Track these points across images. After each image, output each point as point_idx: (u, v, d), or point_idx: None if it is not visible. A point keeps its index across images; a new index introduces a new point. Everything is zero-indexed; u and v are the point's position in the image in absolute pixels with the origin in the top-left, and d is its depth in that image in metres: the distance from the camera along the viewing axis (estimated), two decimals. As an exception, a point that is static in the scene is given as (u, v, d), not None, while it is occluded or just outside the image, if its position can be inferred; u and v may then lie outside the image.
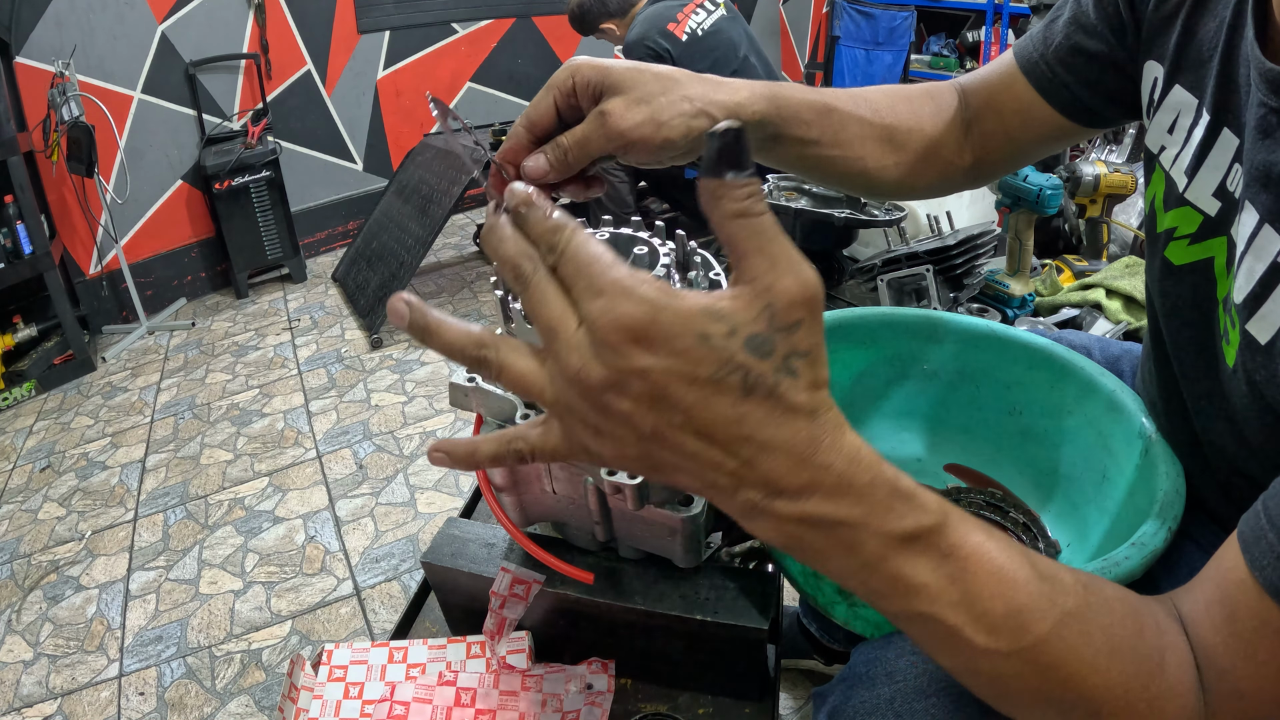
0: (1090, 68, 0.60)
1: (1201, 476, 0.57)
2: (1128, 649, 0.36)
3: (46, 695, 1.37)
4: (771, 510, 0.33)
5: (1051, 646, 0.35)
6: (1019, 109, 0.64)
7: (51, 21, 2.53)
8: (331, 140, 3.30)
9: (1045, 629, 0.35)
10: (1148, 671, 0.36)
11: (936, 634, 0.36)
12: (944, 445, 0.77)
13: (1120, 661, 0.36)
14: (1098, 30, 0.59)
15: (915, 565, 0.34)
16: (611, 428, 0.32)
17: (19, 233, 2.32)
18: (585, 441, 0.34)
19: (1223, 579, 0.38)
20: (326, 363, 2.46)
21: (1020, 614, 0.35)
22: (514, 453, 0.37)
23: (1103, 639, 0.36)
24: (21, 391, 2.43)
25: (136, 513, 1.85)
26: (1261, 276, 0.42)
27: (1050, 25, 0.62)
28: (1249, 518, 0.37)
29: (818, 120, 0.60)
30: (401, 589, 1.54)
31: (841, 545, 0.34)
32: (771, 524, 0.34)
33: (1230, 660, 0.36)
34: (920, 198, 0.75)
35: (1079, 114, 0.62)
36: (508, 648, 0.66)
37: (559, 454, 0.36)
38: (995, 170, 0.70)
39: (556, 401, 0.34)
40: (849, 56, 3.39)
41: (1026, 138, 0.65)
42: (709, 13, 2.26)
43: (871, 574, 0.35)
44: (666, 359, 0.30)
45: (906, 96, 0.67)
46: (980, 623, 0.35)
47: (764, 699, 0.64)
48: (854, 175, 0.64)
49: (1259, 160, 0.43)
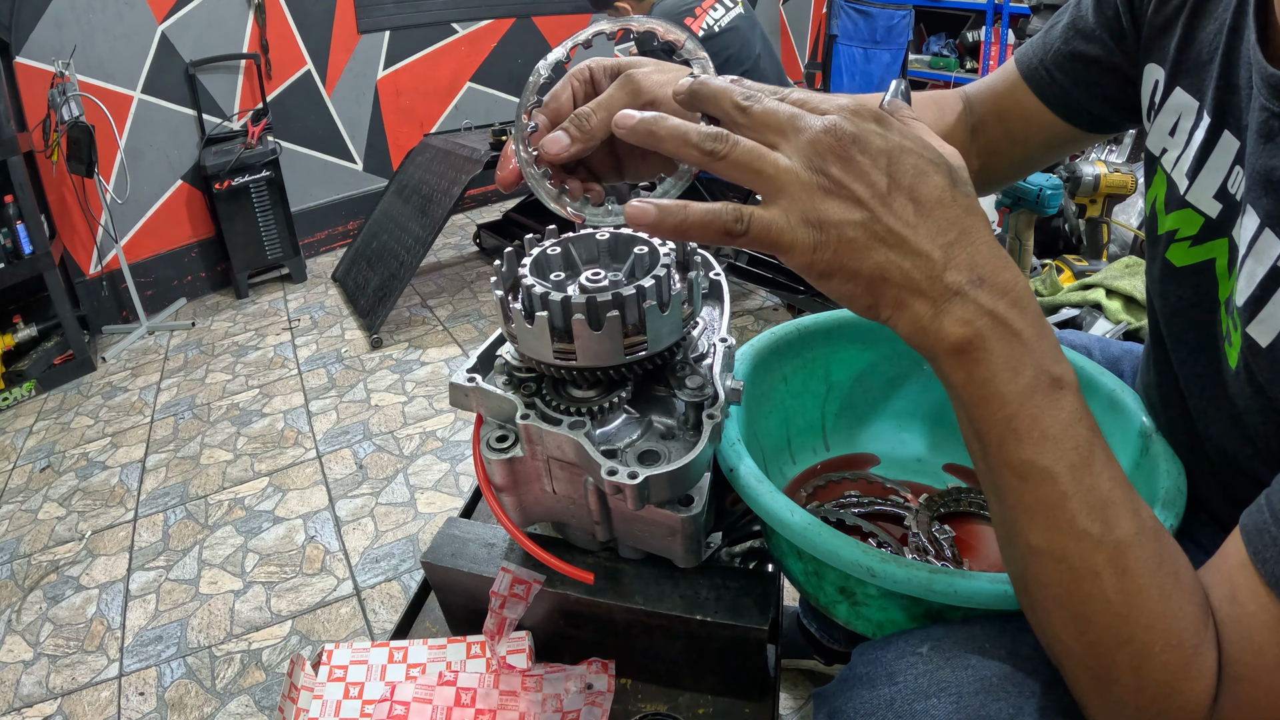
0: (1089, 72, 0.60)
1: (1202, 476, 0.57)
2: (1188, 587, 0.37)
3: (46, 695, 1.37)
4: (974, 298, 0.36)
5: (1134, 551, 0.36)
6: (1021, 114, 0.64)
7: (51, 21, 2.53)
8: (331, 140, 3.30)
9: (1130, 533, 0.37)
10: (1199, 619, 0.37)
11: (1043, 500, 0.37)
12: (944, 445, 0.77)
13: (1179, 596, 0.37)
14: (1096, 35, 0.59)
15: (1056, 412, 0.37)
16: (849, 181, 0.36)
17: (19, 233, 2.32)
18: (812, 205, 0.37)
19: (1225, 568, 0.38)
20: (326, 363, 2.46)
21: (1115, 506, 0.37)
22: (729, 218, 0.38)
23: (1170, 569, 0.37)
24: (21, 391, 2.43)
25: (136, 513, 1.85)
26: (1262, 280, 0.42)
27: (1050, 31, 0.63)
28: (1252, 511, 0.38)
29: None
30: (401, 589, 1.54)
31: (1010, 362, 0.37)
32: (970, 311, 0.36)
33: (1228, 648, 0.37)
34: None
35: (1080, 119, 0.62)
36: (508, 648, 0.66)
37: (774, 226, 0.37)
38: (1003, 177, 0.70)
39: (789, 167, 0.37)
40: (847, 55, 3.38)
41: (1030, 144, 0.66)
42: (728, 10, 2.25)
43: (1022, 405, 0.37)
44: (898, 137, 0.38)
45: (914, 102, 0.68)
46: (1086, 498, 0.37)
47: (764, 699, 0.64)
48: None
49: (1260, 165, 0.43)
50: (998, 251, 0.37)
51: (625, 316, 0.49)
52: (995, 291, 0.37)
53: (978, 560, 0.67)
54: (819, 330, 0.75)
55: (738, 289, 2.50)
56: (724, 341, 0.57)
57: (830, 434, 0.79)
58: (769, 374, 0.73)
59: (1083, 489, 0.37)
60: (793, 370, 0.75)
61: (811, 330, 0.75)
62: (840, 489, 0.74)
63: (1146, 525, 0.37)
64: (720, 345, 0.57)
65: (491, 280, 0.56)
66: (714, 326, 0.60)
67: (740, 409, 0.66)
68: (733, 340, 0.58)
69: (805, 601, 0.94)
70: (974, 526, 0.70)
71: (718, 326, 0.60)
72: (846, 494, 0.73)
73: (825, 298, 1.80)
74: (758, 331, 0.97)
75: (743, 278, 1.91)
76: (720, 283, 0.62)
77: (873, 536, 0.68)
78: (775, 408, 0.74)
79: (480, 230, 3.23)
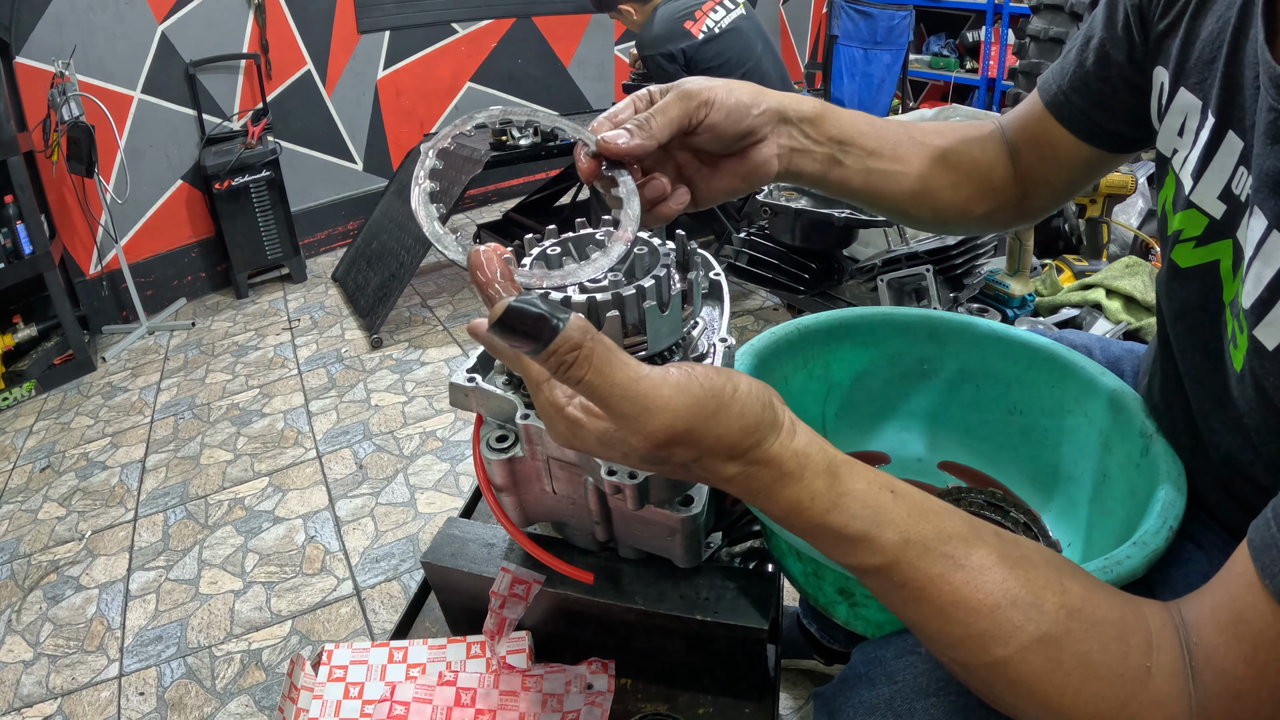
0: (1104, 90, 0.60)
1: (1203, 477, 0.57)
2: (1106, 673, 0.38)
3: (46, 695, 1.37)
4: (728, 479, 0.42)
5: (1014, 667, 0.39)
6: (1049, 141, 0.64)
7: (51, 21, 2.53)
8: (331, 140, 3.30)
9: (1008, 652, 0.38)
10: (1127, 692, 0.38)
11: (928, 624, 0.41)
12: (944, 445, 0.77)
13: (1095, 684, 0.38)
14: (1108, 51, 0.59)
15: (867, 581, 0.42)
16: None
17: (19, 233, 2.32)
18: None
19: (1232, 584, 0.38)
20: (326, 363, 2.46)
21: (980, 638, 0.39)
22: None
23: (1076, 663, 0.38)
24: (21, 391, 2.43)
25: (136, 513, 1.84)
26: (1270, 282, 0.42)
27: (1066, 56, 0.63)
28: (1259, 525, 0.37)
29: (872, 131, 0.63)
30: (401, 589, 1.54)
31: None
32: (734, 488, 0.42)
33: (1232, 663, 0.37)
34: (982, 230, 0.75)
35: (1102, 139, 0.62)
36: (508, 648, 0.66)
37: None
38: (1046, 205, 0.70)
39: None
40: (847, 56, 3.38)
41: (1062, 169, 0.66)
42: (728, 11, 2.26)
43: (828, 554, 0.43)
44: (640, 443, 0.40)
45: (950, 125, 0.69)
46: (936, 640, 0.40)
47: (764, 699, 0.64)
48: (918, 195, 0.65)
49: (1268, 165, 0.43)
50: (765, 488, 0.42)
51: (625, 316, 0.49)
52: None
53: (978, 560, 0.67)
54: (819, 330, 0.75)
55: (738, 289, 2.50)
56: (724, 341, 0.57)
57: (831, 434, 0.78)
58: (769, 374, 0.73)
59: (928, 635, 0.41)
60: (793, 370, 0.75)
61: (811, 330, 0.75)
62: (840, 489, 0.74)
63: (1040, 634, 0.38)
64: (720, 345, 0.57)
65: (491, 280, 0.56)
66: (714, 326, 0.60)
67: (740, 409, 0.66)
68: (733, 340, 0.58)
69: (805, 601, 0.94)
70: (974, 526, 0.70)
71: (718, 326, 0.60)
72: (846, 494, 0.73)
73: (825, 298, 1.78)
74: (758, 331, 0.97)
75: (743, 278, 1.91)
76: (720, 283, 0.62)
77: (873, 536, 0.68)
78: (775, 408, 0.74)
79: (480, 230, 3.23)
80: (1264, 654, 0.36)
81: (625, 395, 0.37)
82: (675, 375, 0.38)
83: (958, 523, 0.41)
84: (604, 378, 0.37)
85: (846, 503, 0.40)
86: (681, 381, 0.38)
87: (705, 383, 0.39)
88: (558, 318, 0.36)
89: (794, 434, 0.41)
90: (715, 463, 0.40)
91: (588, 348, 0.36)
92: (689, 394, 0.38)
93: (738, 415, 0.39)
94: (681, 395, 0.38)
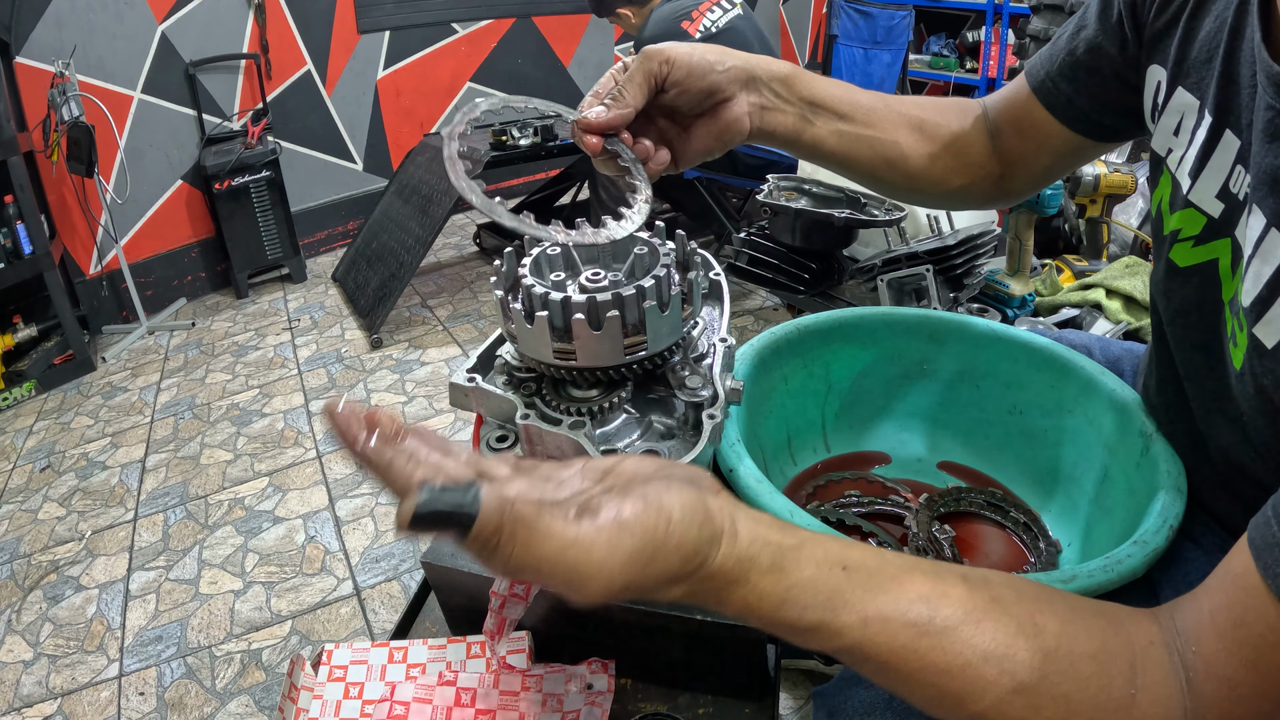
0: (1093, 80, 0.60)
1: (1203, 476, 0.57)
2: (1087, 708, 0.38)
3: (46, 695, 1.37)
4: None
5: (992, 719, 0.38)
6: (1032, 124, 0.65)
7: (51, 21, 2.53)
8: (331, 140, 3.30)
9: (985, 705, 0.38)
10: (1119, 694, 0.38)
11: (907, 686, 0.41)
12: (944, 445, 0.77)
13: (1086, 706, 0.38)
14: (1099, 43, 0.59)
15: (837, 656, 0.41)
16: None
17: (19, 233, 2.32)
18: None
19: (1231, 585, 0.37)
20: (326, 363, 2.46)
21: (955, 696, 0.39)
22: None
23: (1056, 707, 0.38)
24: (21, 391, 2.43)
25: (136, 513, 1.84)
26: (1269, 280, 0.42)
27: (1056, 41, 0.63)
28: (1259, 524, 0.37)
29: (846, 95, 0.64)
30: (401, 589, 1.54)
31: None
32: None
33: (1234, 669, 0.36)
34: (956, 204, 0.76)
35: (1087, 128, 0.63)
36: (508, 648, 0.66)
37: None
38: (1023, 187, 0.70)
39: None
40: (847, 56, 3.38)
41: (1043, 154, 0.66)
42: (725, 11, 2.26)
43: None
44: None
45: (930, 100, 0.69)
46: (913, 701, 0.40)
47: (764, 699, 0.64)
48: (892, 160, 0.65)
49: (1267, 164, 0.43)
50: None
51: (625, 316, 0.49)
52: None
53: (978, 560, 0.67)
54: (819, 330, 0.75)
55: (738, 289, 2.50)
56: (724, 341, 0.57)
57: (830, 434, 0.79)
58: (769, 374, 0.73)
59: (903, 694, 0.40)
60: (793, 370, 0.75)
61: (811, 330, 0.75)
62: (840, 489, 0.74)
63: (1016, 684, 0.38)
64: (720, 345, 0.57)
65: (491, 280, 0.56)
66: (714, 326, 0.60)
67: (740, 409, 0.66)
68: (733, 340, 0.58)
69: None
70: (974, 526, 0.70)
71: (718, 326, 0.60)
72: (847, 494, 0.73)
73: (825, 298, 1.78)
74: (758, 331, 0.97)
75: (743, 278, 1.91)
76: (720, 283, 0.62)
77: (873, 536, 0.68)
78: (775, 408, 0.74)
79: (480, 230, 3.23)
80: (1267, 657, 0.35)
81: (555, 567, 0.35)
82: (606, 532, 0.36)
83: (919, 582, 0.40)
84: (531, 553, 0.35)
85: (796, 595, 0.38)
86: (613, 538, 0.36)
87: (638, 529, 0.36)
88: (467, 507, 0.34)
89: (735, 538, 0.39)
90: (659, 592, 0.38)
91: (508, 528, 0.35)
92: (621, 550, 0.36)
93: (675, 549, 0.37)
94: (615, 554, 0.35)
